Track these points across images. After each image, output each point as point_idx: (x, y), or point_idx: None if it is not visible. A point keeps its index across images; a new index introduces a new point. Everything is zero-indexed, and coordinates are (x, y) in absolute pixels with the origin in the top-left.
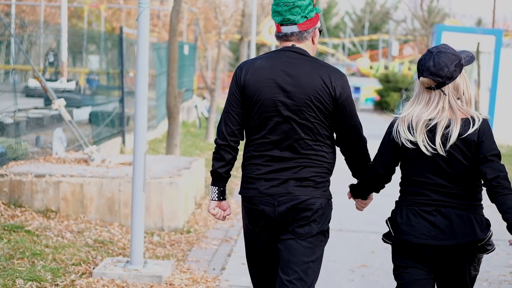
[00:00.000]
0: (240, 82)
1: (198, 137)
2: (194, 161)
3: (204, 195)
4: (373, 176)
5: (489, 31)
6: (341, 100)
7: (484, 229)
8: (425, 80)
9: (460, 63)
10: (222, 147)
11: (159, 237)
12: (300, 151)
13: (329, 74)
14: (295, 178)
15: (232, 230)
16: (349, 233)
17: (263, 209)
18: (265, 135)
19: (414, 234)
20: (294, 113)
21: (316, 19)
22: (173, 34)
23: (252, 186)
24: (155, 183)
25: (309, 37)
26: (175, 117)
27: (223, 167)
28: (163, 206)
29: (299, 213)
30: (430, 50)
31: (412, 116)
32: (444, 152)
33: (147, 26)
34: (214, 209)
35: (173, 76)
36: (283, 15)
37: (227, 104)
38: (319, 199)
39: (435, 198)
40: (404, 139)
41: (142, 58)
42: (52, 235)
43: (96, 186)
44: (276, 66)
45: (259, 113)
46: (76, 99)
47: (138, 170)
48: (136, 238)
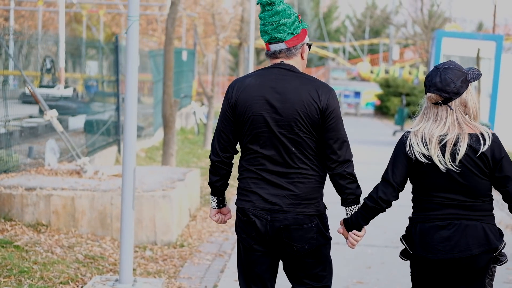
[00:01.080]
0: (231, 100)
1: (196, 144)
2: (188, 172)
3: (199, 207)
4: (384, 191)
5: (489, 37)
6: (327, 113)
7: (498, 238)
8: (432, 96)
9: (466, 79)
10: (216, 163)
11: (151, 252)
12: (292, 165)
13: (316, 89)
14: (289, 195)
15: (227, 243)
16: (345, 247)
17: (255, 222)
18: (258, 150)
19: (430, 250)
20: (284, 128)
21: (303, 34)
22: (169, 42)
23: (247, 198)
24: (147, 196)
25: (298, 53)
26: (171, 126)
27: (218, 181)
28: (156, 219)
29: (293, 233)
30: (437, 66)
31: (424, 131)
32: (455, 167)
33: (136, 39)
34: (214, 216)
35: (169, 85)
36: (270, 34)
37: (219, 122)
38: (312, 216)
39: (449, 212)
40: (418, 152)
41: (131, 73)
42: (41, 250)
43: (88, 199)
44: (265, 83)
45: (251, 129)
46: (71, 107)
47: (127, 186)
48: (125, 256)
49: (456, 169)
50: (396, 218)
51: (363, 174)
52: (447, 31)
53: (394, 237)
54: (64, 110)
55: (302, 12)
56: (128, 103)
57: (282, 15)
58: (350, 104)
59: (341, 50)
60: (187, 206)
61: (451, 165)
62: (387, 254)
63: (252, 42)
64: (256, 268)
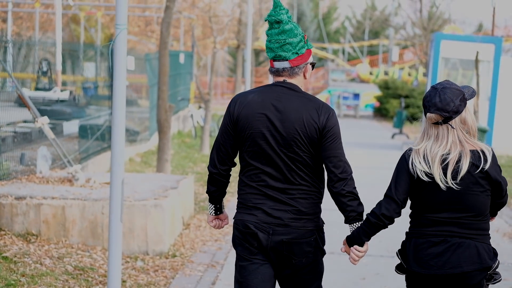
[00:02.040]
0: (233, 115)
1: (193, 147)
2: (182, 179)
3: (193, 214)
4: (387, 207)
5: (488, 39)
6: (325, 131)
7: (492, 258)
8: (432, 116)
9: (464, 97)
10: (214, 175)
11: (143, 262)
12: (292, 182)
13: (316, 109)
14: (290, 210)
15: (220, 253)
16: (340, 257)
17: (258, 234)
18: (258, 166)
19: (422, 265)
20: (284, 146)
21: (307, 55)
22: (163, 47)
23: (249, 212)
24: (139, 205)
25: (300, 73)
26: (165, 131)
27: (216, 191)
28: (148, 229)
29: (293, 246)
30: (434, 86)
31: (426, 149)
32: (455, 185)
33: (124, 48)
34: (212, 222)
35: (163, 90)
36: (275, 51)
37: (219, 134)
38: (312, 231)
39: (444, 229)
40: (420, 171)
41: (119, 82)
42: (30, 261)
43: (78, 209)
44: (267, 101)
45: (251, 146)
46: (66, 112)
47: (115, 199)
48: (113, 270)
49: (456, 187)
50: (391, 227)
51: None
52: (445, 34)
53: (389, 246)
54: (59, 115)
55: (301, 13)
56: (116, 112)
57: (288, 34)
58: (349, 106)
59: (341, 52)
60: (180, 214)
61: (452, 183)
62: (382, 264)
63: (250, 44)
64: (253, 281)
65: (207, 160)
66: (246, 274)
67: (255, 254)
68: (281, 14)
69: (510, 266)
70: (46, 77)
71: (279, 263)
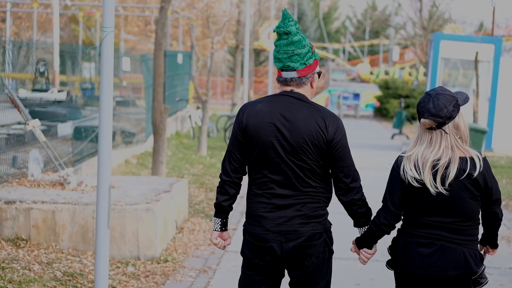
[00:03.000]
0: (242, 123)
1: (190, 148)
2: (176, 182)
3: (187, 218)
4: (385, 216)
5: (488, 39)
6: (334, 142)
7: (478, 263)
8: (426, 121)
9: (457, 103)
10: (226, 182)
11: (134, 267)
12: (300, 189)
13: (324, 119)
14: (299, 215)
15: (212, 258)
16: (335, 261)
17: (271, 246)
18: (267, 174)
19: (409, 264)
20: (292, 155)
21: (315, 65)
22: (158, 48)
23: (259, 223)
24: (130, 209)
25: (308, 82)
26: (161, 133)
27: (226, 201)
28: (139, 233)
29: (305, 249)
30: (428, 93)
31: (417, 155)
32: (444, 191)
33: (111, 51)
34: (216, 239)
35: (158, 91)
36: (283, 62)
37: (230, 144)
38: (321, 233)
39: (433, 232)
40: (411, 177)
41: (106, 86)
42: (19, 267)
43: (69, 213)
44: (275, 110)
45: (260, 154)
46: (61, 113)
47: (102, 205)
48: (100, 279)
49: (446, 193)
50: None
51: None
52: (445, 34)
53: (385, 251)
54: (54, 116)
55: (302, 12)
56: (103, 117)
57: (297, 45)
58: (349, 106)
59: (341, 51)
60: (174, 218)
61: (441, 189)
62: (377, 269)
63: (247, 45)
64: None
65: (204, 162)
66: (251, 282)
67: (268, 265)
68: (290, 26)
69: (507, 271)
70: (43, 77)
71: (293, 266)
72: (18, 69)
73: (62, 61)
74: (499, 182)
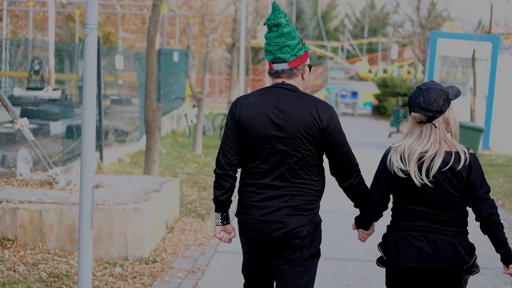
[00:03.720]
0: (235, 116)
1: (185, 147)
2: (166, 182)
3: (178, 218)
4: (370, 205)
5: (485, 37)
6: (328, 131)
7: (469, 253)
8: (416, 115)
9: (448, 97)
10: (221, 176)
11: (121, 268)
12: (290, 180)
13: (316, 108)
14: (286, 206)
15: (202, 258)
16: (326, 261)
17: (257, 235)
18: (258, 165)
19: (402, 258)
20: (285, 145)
21: (305, 56)
22: (151, 46)
23: (247, 212)
24: (118, 209)
25: (299, 74)
26: (153, 132)
27: (223, 195)
28: (127, 234)
29: (289, 240)
30: (419, 87)
31: (404, 147)
32: (429, 183)
33: (94, 49)
34: (219, 233)
35: (151, 90)
36: (274, 54)
37: (224, 136)
38: (307, 226)
39: (422, 225)
40: (397, 168)
41: (89, 85)
42: (3, 268)
43: (56, 213)
44: (268, 102)
45: (253, 145)
46: (53, 112)
47: (85, 206)
48: (83, 282)
49: (430, 185)
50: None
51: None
52: (442, 32)
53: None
54: (47, 115)
55: (300, 10)
56: (86, 116)
57: (287, 37)
58: (347, 104)
59: (340, 49)
60: (164, 218)
61: (426, 180)
62: (369, 270)
63: (243, 43)
64: (255, 270)
65: (199, 160)
66: (249, 263)
67: (256, 252)
68: (279, 18)
69: (502, 271)
70: (38, 76)
71: (275, 255)
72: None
73: (60, 59)
74: (495, 180)
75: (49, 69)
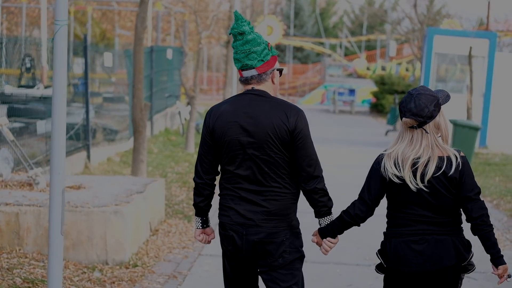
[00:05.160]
0: (209, 127)
1: (178, 146)
2: (151, 183)
3: (163, 219)
4: (361, 208)
5: (482, 34)
6: (296, 132)
7: (467, 250)
8: (407, 121)
9: (438, 102)
10: (200, 185)
11: (100, 273)
12: (265, 184)
13: (285, 111)
14: (262, 211)
15: (185, 262)
16: (314, 265)
17: (233, 236)
18: (234, 170)
19: (404, 263)
20: (257, 150)
21: (273, 61)
22: (138, 43)
23: (226, 213)
24: (98, 212)
25: (268, 79)
26: (141, 131)
27: (202, 202)
28: (107, 237)
29: (265, 245)
30: (410, 92)
31: (397, 153)
32: (424, 187)
33: (64, 45)
34: (199, 236)
35: (138, 87)
36: (242, 61)
37: (200, 147)
38: (283, 231)
39: (420, 228)
40: (391, 174)
41: (59, 82)
42: None
43: (34, 216)
44: (238, 109)
45: (227, 152)
46: (40, 110)
47: (55, 210)
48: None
49: (425, 189)
50: (371, 230)
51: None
52: (439, 29)
53: (368, 254)
54: (34, 113)
55: (299, 7)
56: (56, 116)
57: (252, 44)
58: (345, 101)
59: (338, 46)
60: (147, 220)
61: (421, 185)
62: (357, 274)
63: None
64: (237, 276)
65: (190, 159)
66: (230, 268)
67: (233, 255)
68: (243, 26)
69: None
70: (29, 73)
71: (256, 261)
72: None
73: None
74: (492, 180)
75: (41, 67)
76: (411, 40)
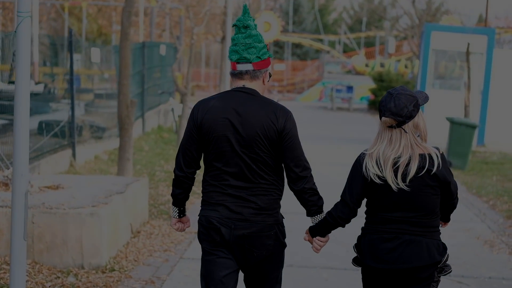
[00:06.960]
0: (197, 120)
1: (170, 143)
2: (133, 183)
3: (146, 220)
4: (342, 210)
5: (480, 30)
6: (284, 133)
7: (441, 252)
8: (387, 120)
9: (417, 103)
10: (180, 178)
11: (75, 278)
12: (253, 180)
13: (274, 112)
14: (251, 206)
15: (165, 266)
16: (299, 269)
17: (221, 228)
18: (221, 167)
19: (375, 260)
20: (245, 148)
21: (267, 62)
22: (124, 38)
23: (212, 208)
24: (73, 213)
25: (261, 77)
26: (127, 128)
27: (181, 194)
28: (83, 240)
29: (254, 240)
30: (390, 92)
31: (379, 153)
32: (405, 187)
33: (28, 38)
34: (175, 225)
35: (124, 84)
36: (240, 53)
37: (184, 139)
38: (271, 225)
39: (396, 227)
40: (373, 174)
41: (22, 77)
42: None
43: (6, 217)
44: (228, 106)
45: (215, 148)
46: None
47: (18, 214)
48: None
49: (407, 188)
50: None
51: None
52: (436, 25)
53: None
54: None
55: (298, 4)
56: (18, 114)
57: (254, 39)
58: (343, 98)
59: (337, 43)
60: (128, 222)
61: (402, 185)
62: (344, 279)
63: (229, 35)
64: (217, 273)
65: None
66: (211, 266)
67: (219, 247)
68: (249, 20)
69: (487, 281)
70: None
71: (241, 255)
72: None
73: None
74: (489, 179)
75: (32, 63)
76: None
